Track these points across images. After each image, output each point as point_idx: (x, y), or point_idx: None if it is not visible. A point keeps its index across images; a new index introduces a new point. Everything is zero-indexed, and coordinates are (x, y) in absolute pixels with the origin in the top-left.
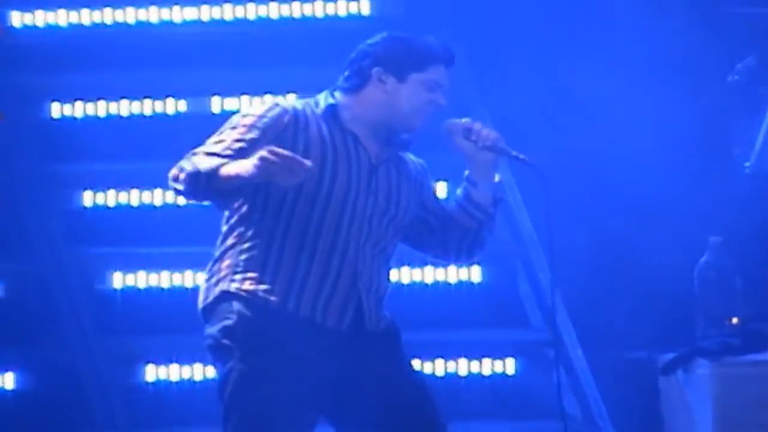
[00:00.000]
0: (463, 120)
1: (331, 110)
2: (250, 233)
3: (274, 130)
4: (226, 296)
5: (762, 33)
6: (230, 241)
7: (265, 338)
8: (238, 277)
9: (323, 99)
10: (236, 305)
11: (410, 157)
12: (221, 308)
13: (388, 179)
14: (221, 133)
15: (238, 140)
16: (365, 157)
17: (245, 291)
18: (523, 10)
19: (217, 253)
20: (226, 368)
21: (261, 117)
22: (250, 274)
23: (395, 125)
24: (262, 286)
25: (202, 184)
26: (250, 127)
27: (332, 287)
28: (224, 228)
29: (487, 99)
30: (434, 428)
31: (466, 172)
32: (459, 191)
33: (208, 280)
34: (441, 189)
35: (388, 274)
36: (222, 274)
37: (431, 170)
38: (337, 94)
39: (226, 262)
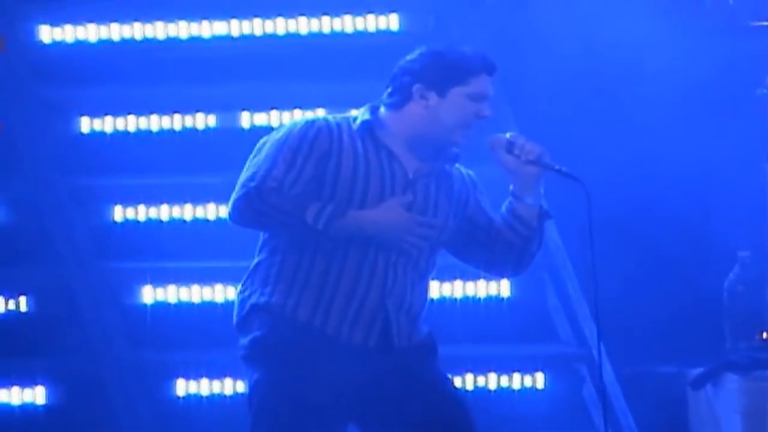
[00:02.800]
0: (507, 134)
1: (366, 126)
2: (282, 247)
3: (319, 150)
4: (256, 309)
5: None
6: (264, 254)
7: (291, 351)
8: (267, 290)
9: (361, 115)
10: (265, 318)
11: (461, 170)
12: (252, 321)
13: (426, 195)
14: (269, 157)
15: (290, 168)
16: (400, 173)
17: (273, 305)
18: (552, 22)
19: (251, 266)
20: (254, 379)
21: (302, 142)
22: (279, 288)
23: (440, 140)
24: (290, 301)
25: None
26: (297, 152)
27: (360, 304)
28: (260, 241)
29: (517, 112)
30: None
31: (511, 187)
32: (504, 206)
33: (242, 292)
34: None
35: (425, 290)
36: (254, 287)
37: None
38: (382, 109)
39: (259, 276)
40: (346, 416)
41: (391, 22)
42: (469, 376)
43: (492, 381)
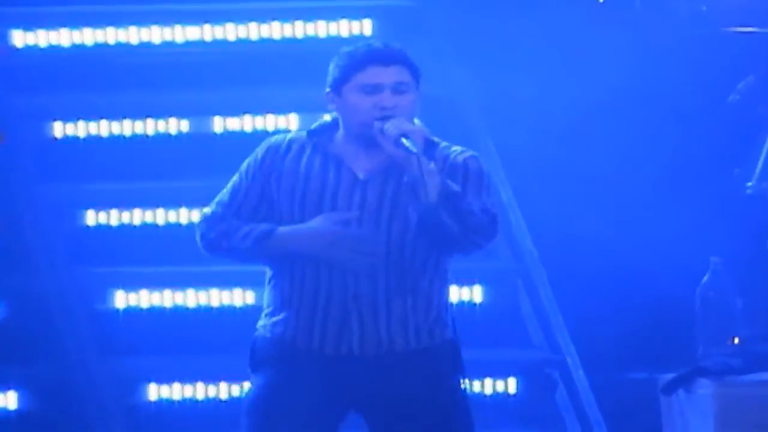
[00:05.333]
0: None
1: (310, 136)
2: (269, 272)
3: (263, 169)
4: (257, 332)
5: (760, 53)
6: (266, 280)
7: (274, 369)
8: (263, 314)
9: (318, 122)
10: (258, 340)
11: (450, 156)
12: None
13: (381, 195)
14: (228, 184)
15: (236, 192)
16: (348, 178)
17: (261, 327)
18: (525, 31)
19: None
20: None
21: (250, 164)
22: (266, 311)
23: (362, 134)
24: (270, 320)
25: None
26: (245, 174)
27: (324, 315)
28: None
29: (489, 118)
30: None
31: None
32: None
33: None
34: None
35: (418, 283)
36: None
37: None
38: None
39: (264, 302)
40: (332, 428)
41: (364, 26)
42: None
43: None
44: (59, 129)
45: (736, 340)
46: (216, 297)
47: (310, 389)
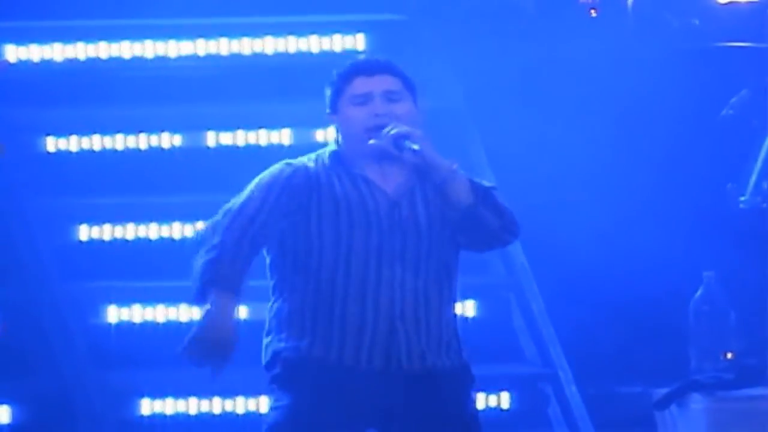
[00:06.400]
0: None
1: (335, 158)
2: (286, 292)
3: (294, 185)
4: (277, 353)
5: (753, 67)
6: (273, 298)
7: (306, 387)
8: (284, 336)
9: (329, 148)
10: (285, 360)
11: None
12: (275, 363)
13: (413, 212)
14: (241, 197)
15: (257, 212)
16: (382, 197)
17: (291, 348)
18: (518, 44)
19: (267, 309)
20: (270, 409)
21: (280, 173)
22: (293, 331)
23: (364, 150)
24: (305, 341)
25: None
26: (271, 185)
27: (372, 334)
28: (270, 284)
29: (481, 130)
30: None
31: None
32: None
33: (264, 338)
34: None
35: (445, 302)
36: (272, 333)
37: None
38: None
39: (274, 321)
40: None
41: (358, 42)
42: None
43: None
44: (52, 143)
45: (730, 355)
46: None
47: (354, 406)
